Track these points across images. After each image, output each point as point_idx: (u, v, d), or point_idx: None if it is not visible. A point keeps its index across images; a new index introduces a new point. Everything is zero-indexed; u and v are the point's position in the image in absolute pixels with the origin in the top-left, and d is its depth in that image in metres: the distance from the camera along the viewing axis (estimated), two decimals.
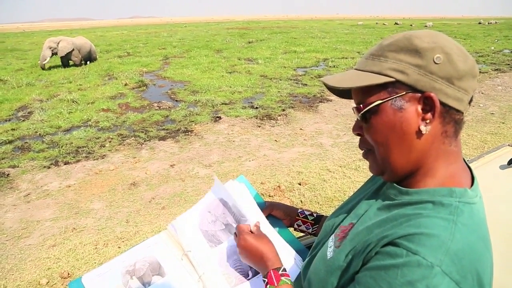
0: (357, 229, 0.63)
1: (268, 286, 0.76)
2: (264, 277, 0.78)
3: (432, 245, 0.50)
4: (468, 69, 0.57)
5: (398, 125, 0.59)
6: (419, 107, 0.57)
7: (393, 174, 0.63)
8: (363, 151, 0.68)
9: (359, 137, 0.68)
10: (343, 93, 0.69)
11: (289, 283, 0.76)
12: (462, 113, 0.59)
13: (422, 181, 0.61)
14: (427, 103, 0.57)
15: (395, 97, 0.58)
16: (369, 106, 0.60)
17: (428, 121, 0.57)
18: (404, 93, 0.58)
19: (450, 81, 0.56)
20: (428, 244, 0.50)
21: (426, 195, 0.58)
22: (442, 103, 0.57)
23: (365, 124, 0.63)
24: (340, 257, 0.62)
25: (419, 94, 0.57)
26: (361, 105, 0.62)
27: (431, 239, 0.50)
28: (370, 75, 0.60)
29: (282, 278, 0.76)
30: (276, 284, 0.75)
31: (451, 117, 0.58)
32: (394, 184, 0.64)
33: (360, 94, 0.62)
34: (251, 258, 0.82)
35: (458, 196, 0.56)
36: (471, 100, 0.60)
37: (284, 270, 0.79)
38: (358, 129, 0.66)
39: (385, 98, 0.59)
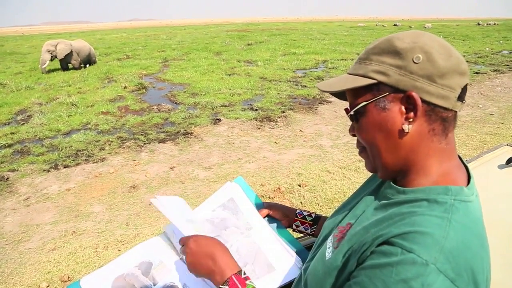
0: (355, 229, 0.64)
1: None
2: (223, 284, 0.70)
3: (427, 243, 0.50)
4: (451, 66, 0.57)
5: (383, 124, 0.61)
6: (403, 107, 0.59)
7: (384, 171, 0.65)
8: (359, 150, 0.70)
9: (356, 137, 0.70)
10: (343, 96, 0.72)
11: (255, 286, 0.72)
12: (451, 110, 0.59)
13: (416, 179, 0.62)
14: (410, 102, 0.58)
15: (379, 98, 0.60)
16: (356, 107, 0.63)
17: (411, 119, 0.59)
18: (387, 93, 0.60)
19: (432, 79, 0.57)
20: (422, 242, 0.50)
21: (422, 194, 0.59)
22: (425, 102, 0.58)
23: (356, 125, 0.66)
24: (338, 257, 0.63)
25: (401, 94, 0.59)
26: (349, 107, 0.65)
27: (425, 237, 0.51)
28: (356, 78, 0.63)
29: (247, 282, 0.71)
30: None
31: (437, 115, 0.59)
32: (392, 184, 0.65)
33: (350, 96, 0.66)
34: (204, 264, 0.73)
35: (453, 194, 0.57)
36: (463, 98, 0.60)
37: (245, 273, 0.73)
38: (352, 129, 0.69)
39: (370, 99, 0.61)
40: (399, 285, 0.49)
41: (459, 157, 0.66)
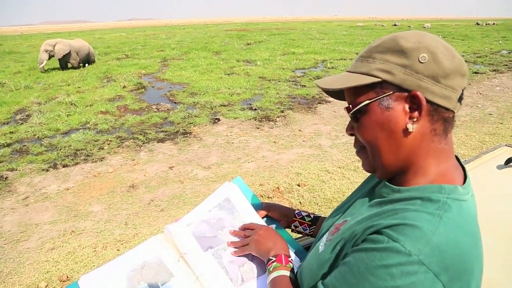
0: (349, 224, 0.65)
1: (274, 263, 0.80)
2: (272, 257, 0.82)
3: (414, 235, 0.51)
4: (455, 67, 0.58)
5: (386, 124, 0.60)
6: (406, 106, 0.59)
7: (384, 171, 0.64)
8: (356, 149, 0.70)
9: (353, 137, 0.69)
10: (340, 95, 0.71)
11: (292, 268, 0.80)
12: (452, 111, 0.60)
13: (413, 179, 0.62)
14: (414, 102, 0.58)
15: (383, 97, 0.60)
16: (358, 106, 0.62)
17: (415, 119, 0.58)
18: (391, 92, 0.59)
19: (436, 79, 0.57)
20: (409, 234, 0.52)
21: (416, 192, 0.59)
22: (429, 102, 0.58)
23: (356, 124, 0.65)
24: (329, 249, 0.64)
25: (406, 93, 0.58)
26: (351, 105, 0.64)
27: (413, 230, 0.52)
28: (359, 76, 0.62)
29: (289, 263, 0.81)
30: (284, 264, 0.80)
31: (440, 115, 0.59)
32: (387, 183, 0.65)
33: (351, 95, 0.64)
34: (267, 243, 0.87)
35: (447, 193, 0.57)
36: (461, 99, 0.60)
37: (292, 259, 0.84)
38: (350, 129, 0.68)
39: (373, 98, 0.60)
40: (379, 270, 0.51)
41: (456, 157, 0.66)
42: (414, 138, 0.60)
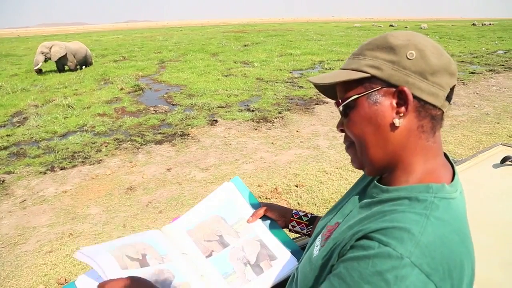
0: (341, 228, 0.65)
1: None
2: None
3: (403, 237, 0.51)
4: (442, 65, 0.59)
5: (374, 118, 0.61)
6: (394, 101, 0.60)
7: (372, 167, 0.65)
8: (346, 145, 0.71)
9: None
10: (335, 95, 0.71)
11: None
12: (440, 109, 0.60)
13: (402, 176, 0.63)
14: (401, 97, 0.59)
15: (371, 92, 0.61)
16: (347, 100, 0.64)
17: (402, 114, 0.59)
18: (379, 87, 0.60)
19: (423, 76, 0.58)
20: (399, 236, 0.52)
21: (404, 192, 0.60)
22: (416, 98, 0.59)
23: (345, 119, 0.67)
24: (322, 254, 0.64)
25: (394, 89, 0.60)
26: (340, 100, 0.66)
27: (402, 232, 0.52)
28: (349, 72, 0.64)
29: None
30: None
31: (427, 112, 0.60)
32: (376, 183, 0.66)
33: (341, 90, 0.66)
34: None
35: (434, 192, 0.58)
36: (450, 98, 0.61)
37: None
38: (341, 125, 0.69)
39: (361, 92, 0.62)
40: (374, 277, 0.50)
41: (446, 155, 0.67)
42: (401, 133, 0.61)
